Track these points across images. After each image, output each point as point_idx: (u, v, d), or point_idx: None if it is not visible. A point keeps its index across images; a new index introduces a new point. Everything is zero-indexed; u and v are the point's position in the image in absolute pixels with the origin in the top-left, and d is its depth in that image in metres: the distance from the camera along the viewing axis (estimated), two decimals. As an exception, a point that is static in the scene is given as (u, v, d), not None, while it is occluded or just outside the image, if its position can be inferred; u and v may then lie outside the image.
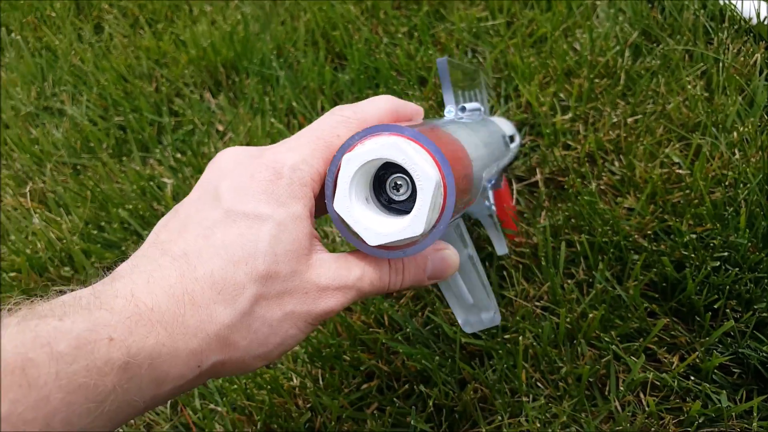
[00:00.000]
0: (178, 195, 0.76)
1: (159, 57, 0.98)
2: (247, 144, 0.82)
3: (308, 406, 0.59)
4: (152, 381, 0.30)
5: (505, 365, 0.58)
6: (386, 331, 0.62)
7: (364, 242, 0.35)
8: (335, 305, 0.36)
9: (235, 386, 0.60)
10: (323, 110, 0.86)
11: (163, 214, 0.76)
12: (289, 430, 0.57)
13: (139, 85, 0.90)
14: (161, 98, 0.90)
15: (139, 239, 0.72)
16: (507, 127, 0.67)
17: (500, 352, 0.58)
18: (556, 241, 0.65)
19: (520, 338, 0.57)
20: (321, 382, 0.60)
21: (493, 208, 0.66)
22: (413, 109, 0.42)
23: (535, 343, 0.59)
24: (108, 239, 0.72)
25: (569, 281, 0.64)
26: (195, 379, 0.32)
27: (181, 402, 0.61)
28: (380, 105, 0.39)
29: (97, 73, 0.92)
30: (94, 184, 0.76)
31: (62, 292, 0.31)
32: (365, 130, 0.35)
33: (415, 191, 0.34)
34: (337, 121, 0.37)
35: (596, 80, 0.80)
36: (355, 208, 0.35)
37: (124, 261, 0.34)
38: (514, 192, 0.75)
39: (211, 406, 0.61)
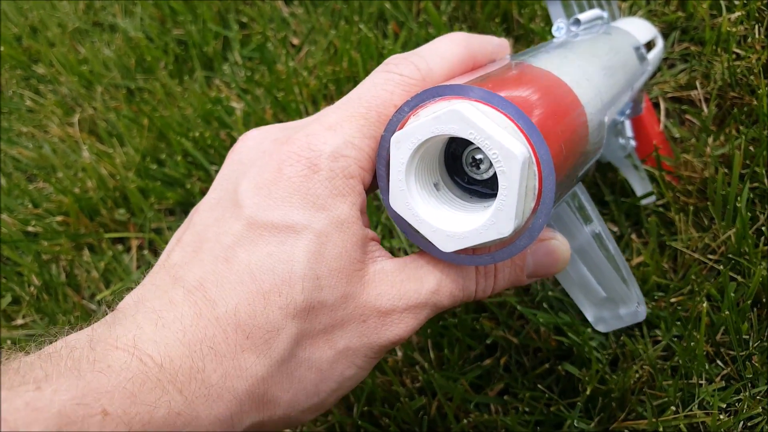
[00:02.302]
0: (249, 122, 0.64)
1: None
2: (329, 60, 0.68)
3: (417, 386, 0.47)
4: None
5: (672, 338, 0.45)
6: (515, 292, 0.50)
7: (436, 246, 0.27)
8: (404, 332, 0.28)
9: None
10: (420, 14, 0.71)
11: (232, 145, 0.66)
12: (397, 420, 0.45)
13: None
14: (227, 6, 0.77)
15: (207, 176, 0.60)
16: (643, 31, 0.51)
17: (667, 325, 0.45)
18: (737, 170, 0.49)
19: (704, 304, 0.43)
20: (431, 354, 0.48)
21: (632, 143, 0.52)
22: (495, 45, 0.33)
23: (711, 310, 0.45)
24: (169, 175, 0.60)
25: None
26: None
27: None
28: (449, 52, 0.30)
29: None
30: (151, 109, 0.64)
31: (71, 330, 0.26)
32: (416, 97, 0.27)
33: None
34: (395, 82, 0.29)
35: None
36: (417, 203, 0.27)
37: (131, 290, 0.28)
38: (662, 115, 0.59)
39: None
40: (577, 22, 0.40)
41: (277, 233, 0.27)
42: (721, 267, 0.47)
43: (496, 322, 0.49)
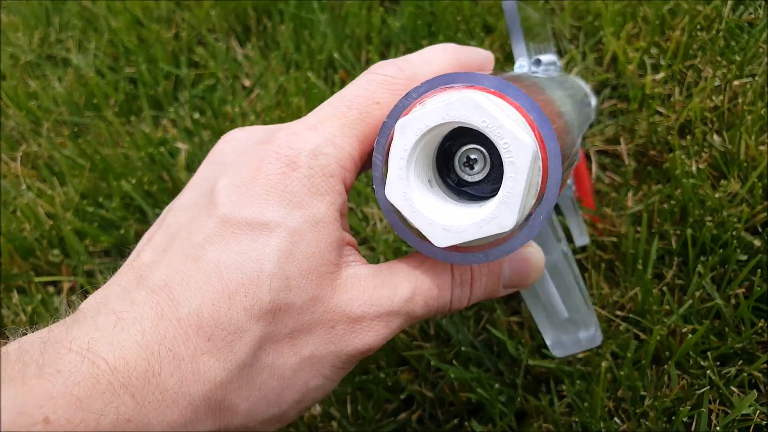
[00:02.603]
0: (193, 164, 0.66)
1: (180, -2, 0.86)
2: (277, 104, 0.70)
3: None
4: None
5: (576, 393, 0.47)
6: (435, 345, 0.51)
7: (428, 242, 0.26)
8: (374, 340, 0.27)
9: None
10: (368, 64, 0.73)
11: (174, 188, 0.67)
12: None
13: (155, 29, 0.79)
14: (180, 46, 0.78)
15: (144, 219, 0.62)
16: (583, 86, 0.54)
17: (572, 380, 0.47)
18: (645, 231, 0.52)
19: (603, 362, 0.45)
20: (349, 408, 0.49)
21: (574, 187, 0.54)
22: (482, 57, 0.32)
23: (615, 366, 0.48)
24: (106, 218, 0.61)
25: (656, 283, 0.52)
26: None
27: None
28: (436, 58, 0.30)
29: (109, 16, 0.81)
30: (94, 150, 0.66)
31: (25, 333, 0.25)
32: (426, 83, 0.26)
33: (494, 168, 0.26)
34: (377, 82, 0.29)
35: (695, 33, 0.66)
36: (414, 194, 0.26)
37: (96, 290, 0.27)
38: (593, 167, 0.62)
39: None
40: (538, 62, 0.42)
41: (250, 231, 0.26)
42: (626, 324, 0.50)
43: (415, 375, 0.51)
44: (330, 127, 0.28)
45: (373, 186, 0.28)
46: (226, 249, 0.26)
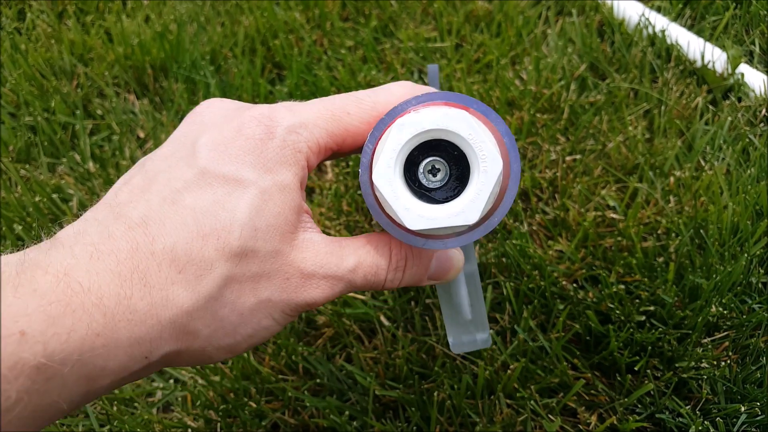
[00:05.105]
0: (83, 212, 0.70)
1: (84, 52, 0.91)
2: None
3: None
4: (81, 378, 0.25)
5: (418, 419, 0.55)
6: (299, 377, 0.58)
7: (400, 226, 0.30)
8: (319, 297, 0.31)
9: None
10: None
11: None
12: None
13: (54, 83, 0.83)
14: (78, 99, 0.83)
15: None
16: None
17: (413, 408, 0.55)
18: (482, 283, 0.62)
19: (436, 392, 0.54)
20: (217, 433, 0.55)
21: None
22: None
23: (451, 396, 0.56)
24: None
25: (493, 326, 0.61)
26: (142, 370, 0.27)
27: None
28: (396, 92, 0.33)
29: (11, 66, 0.85)
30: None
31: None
32: (425, 95, 0.31)
33: (451, 179, 0.30)
34: (349, 99, 0.33)
35: (538, 114, 0.78)
36: (397, 182, 0.29)
37: (74, 221, 0.28)
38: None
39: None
40: None
41: (226, 185, 0.28)
42: (460, 361, 0.59)
43: (280, 404, 0.57)
44: (306, 116, 0.31)
45: (359, 170, 0.31)
46: (202, 197, 0.28)
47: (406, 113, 0.30)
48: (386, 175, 0.29)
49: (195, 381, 0.59)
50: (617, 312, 0.59)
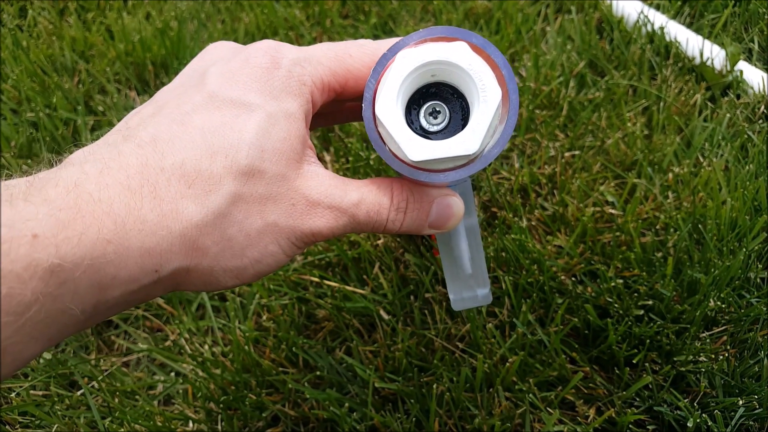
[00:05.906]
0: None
1: (85, 49, 0.92)
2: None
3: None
4: (93, 285, 0.25)
5: (418, 412, 0.55)
6: (299, 370, 0.59)
7: (401, 159, 0.30)
8: (324, 226, 0.31)
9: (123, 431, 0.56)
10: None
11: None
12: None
13: (56, 79, 0.84)
14: (79, 95, 0.83)
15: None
16: None
17: (412, 401, 0.55)
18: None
19: (435, 385, 0.54)
20: (220, 425, 0.55)
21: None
22: None
23: (450, 389, 0.56)
24: None
25: (492, 320, 0.62)
26: (152, 287, 0.27)
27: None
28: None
29: (12, 62, 0.86)
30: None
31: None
32: (425, 30, 0.31)
33: (451, 123, 0.31)
34: (352, 43, 0.33)
35: (537, 110, 0.78)
36: (399, 114, 0.30)
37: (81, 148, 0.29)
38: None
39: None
40: None
41: (234, 108, 0.29)
42: (459, 354, 0.59)
43: (281, 397, 0.57)
44: (311, 53, 0.32)
45: (362, 104, 0.31)
46: (211, 118, 0.29)
47: (407, 47, 0.31)
48: (389, 108, 0.29)
49: (196, 373, 0.59)
50: (616, 306, 0.59)
